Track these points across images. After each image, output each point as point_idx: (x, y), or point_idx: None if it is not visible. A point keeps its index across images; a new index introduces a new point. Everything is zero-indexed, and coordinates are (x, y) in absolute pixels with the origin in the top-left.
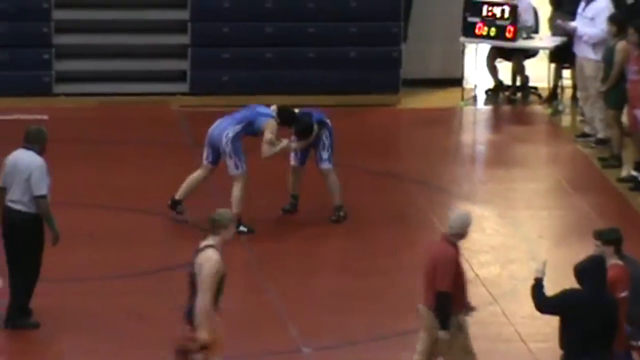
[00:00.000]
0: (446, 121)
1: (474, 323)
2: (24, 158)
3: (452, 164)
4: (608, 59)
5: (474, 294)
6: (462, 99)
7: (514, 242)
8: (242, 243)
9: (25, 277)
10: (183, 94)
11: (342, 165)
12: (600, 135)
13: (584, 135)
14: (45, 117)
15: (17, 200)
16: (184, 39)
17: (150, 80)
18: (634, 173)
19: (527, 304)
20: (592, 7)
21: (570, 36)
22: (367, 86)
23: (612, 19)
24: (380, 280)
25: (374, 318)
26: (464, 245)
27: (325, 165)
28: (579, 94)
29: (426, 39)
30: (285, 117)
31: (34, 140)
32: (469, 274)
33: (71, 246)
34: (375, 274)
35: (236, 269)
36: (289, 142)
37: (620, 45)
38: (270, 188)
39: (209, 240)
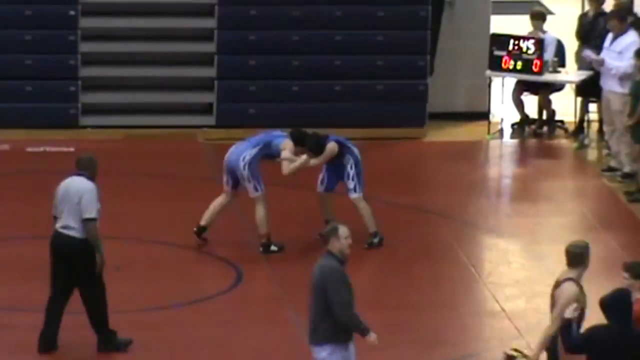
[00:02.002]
0: (472, 155)
1: (499, 358)
2: (75, 183)
3: (478, 198)
4: (635, 93)
5: (500, 327)
6: (489, 132)
7: (540, 276)
8: (271, 274)
9: (96, 300)
10: (209, 126)
11: (368, 198)
12: (626, 169)
13: (610, 169)
14: (72, 149)
15: (68, 225)
16: (211, 72)
17: (176, 112)
18: None
19: None
20: (620, 41)
21: (597, 70)
22: (393, 119)
23: (639, 53)
24: (407, 315)
25: (400, 352)
26: (488, 279)
27: (352, 195)
28: (605, 128)
29: (452, 72)
30: (296, 137)
31: (85, 167)
32: (494, 308)
33: None
34: (402, 308)
35: (263, 300)
36: (307, 157)
37: None
38: (300, 219)
39: (569, 273)
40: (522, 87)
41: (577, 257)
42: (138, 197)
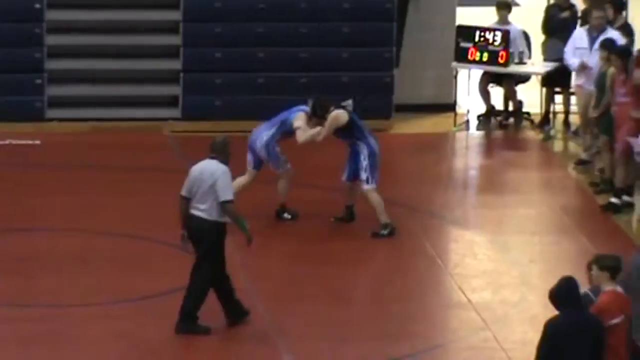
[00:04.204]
0: (438, 146)
1: (465, 349)
2: (209, 166)
3: (444, 190)
4: (600, 85)
5: (466, 319)
6: (455, 124)
7: (506, 268)
8: (236, 267)
9: (200, 282)
10: (175, 119)
11: (333, 189)
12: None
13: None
14: (38, 142)
15: (198, 207)
16: (176, 64)
17: (142, 105)
18: (612, 200)
19: (519, 329)
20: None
21: (562, 62)
22: (359, 111)
23: (602, 46)
24: (374, 307)
25: (368, 345)
26: (455, 270)
27: (364, 186)
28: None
29: (418, 64)
30: (314, 107)
31: (219, 151)
32: (460, 299)
33: (66, 271)
34: (369, 301)
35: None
36: (320, 128)
37: (611, 71)
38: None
39: None
40: (488, 78)
41: None
42: (104, 190)
